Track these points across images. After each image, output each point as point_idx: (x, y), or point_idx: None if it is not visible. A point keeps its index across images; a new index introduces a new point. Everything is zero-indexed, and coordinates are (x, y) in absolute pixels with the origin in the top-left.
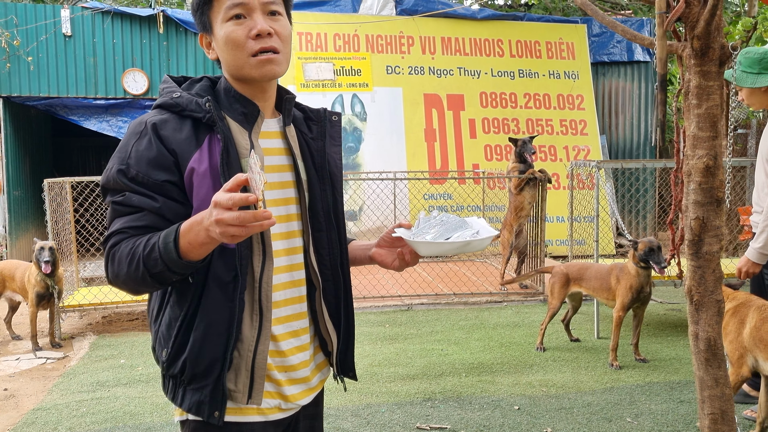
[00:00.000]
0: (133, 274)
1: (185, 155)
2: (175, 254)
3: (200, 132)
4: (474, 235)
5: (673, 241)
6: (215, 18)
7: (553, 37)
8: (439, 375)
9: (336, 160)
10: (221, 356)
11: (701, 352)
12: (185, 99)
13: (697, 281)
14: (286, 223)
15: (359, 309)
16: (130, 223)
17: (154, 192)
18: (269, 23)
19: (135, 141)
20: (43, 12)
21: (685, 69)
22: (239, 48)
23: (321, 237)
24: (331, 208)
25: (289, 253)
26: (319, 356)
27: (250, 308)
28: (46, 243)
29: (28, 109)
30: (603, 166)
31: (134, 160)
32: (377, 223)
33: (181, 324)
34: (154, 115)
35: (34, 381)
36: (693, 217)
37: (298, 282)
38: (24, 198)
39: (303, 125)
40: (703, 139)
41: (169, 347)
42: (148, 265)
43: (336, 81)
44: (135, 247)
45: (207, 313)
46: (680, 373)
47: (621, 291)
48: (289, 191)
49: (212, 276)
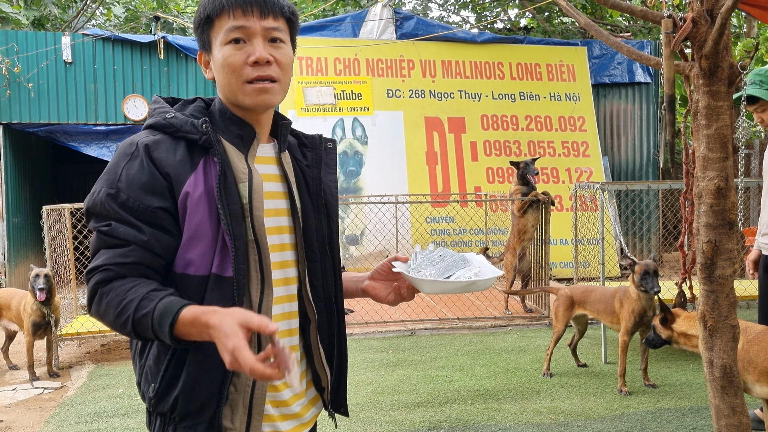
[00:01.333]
0: (120, 327)
1: (180, 178)
2: (168, 337)
3: (195, 154)
4: (478, 274)
5: (684, 264)
6: (215, 38)
7: (554, 60)
8: (445, 403)
9: (331, 188)
10: (217, 391)
11: (717, 380)
12: (180, 120)
13: (710, 306)
14: (280, 253)
15: (362, 335)
16: (117, 258)
17: (143, 221)
18: (269, 50)
19: (126, 163)
20: (44, 39)
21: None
22: (235, 73)
23: (315, 267)
24: (326, 238)
25: (284, 283)
26: (311, 391)
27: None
28: (41, 270)
29: (28, 135)
30: (607, 188)
31: (125, 184)
32: (379, 247)
33: (172, 357)
34: (145, 136)
35: (31, 412)
36: (705, 240)
37: (291, 314)
38: (23, 225)
39: (297, 152)
40: (714, 160)
41: (157, 382)
42: (137, 329)
43: (337, 105)
44: (126, 302)
45: (202, 345)
46: (691, 399)
47: (624, 315)
48: (283, 219)
49: None
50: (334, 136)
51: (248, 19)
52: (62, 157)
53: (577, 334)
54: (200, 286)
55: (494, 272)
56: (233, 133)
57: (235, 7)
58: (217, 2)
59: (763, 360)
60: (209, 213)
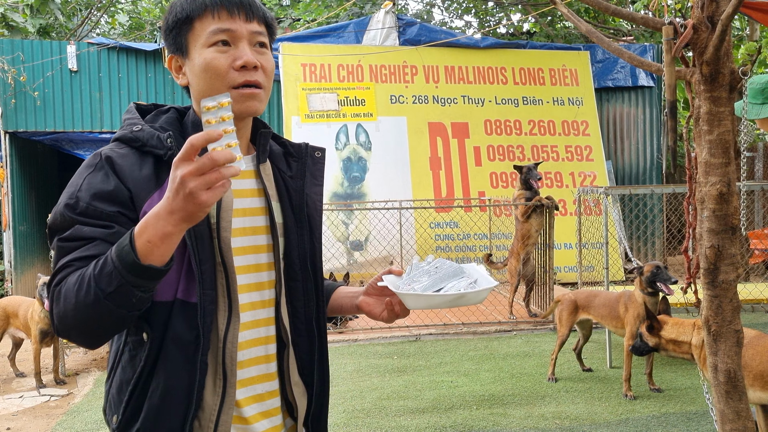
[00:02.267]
0: (83, 302)
1: (141, 195)
2: (132, 256)
3: (162, 170)
4: (471, 285)
5: (688, 269)
6: (194, 41)
7: (557, 64)
8: (450, 408)
9: (315, 202)
10: (179, 428)
11: (721, 385)
12: (146, 133)
13: (714, 311)
14: (256, 274)
15: (366, 340)
16: (78, 254)
17: (104, 221)
18: (256, 56)
19: (88, 174)
20: (50, 48)
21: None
22: (219, 78)
23: (296, 287)
24: (308, 256)
25: (256, 306)
26: (289, 421)
27: (213, 371)
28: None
29: (34, 143)
30: (611, 193)
31: (84, 193)
32: (383, 252)
33: (134, 389)
34: (111, 149)
35: (38, 419)
36: (708, 246)
37: (266, 339)
38: (29, 233)
39: (281, 161)
40: (716, 165)
41: (119, 414)
42: (101, 284)
43: (340, 111)
44: (83, 273)
45: (164, 377)
46: (696, 403)
47: (629, 320)
48: (261, 238)
49: (171, 335)
50: (338, 142)
51: (234, 21)
52: (68, 165)
53: (582, 339)
54: (165, 312)
55: (489, 283)
56: None
57: (221, 7)
58: (199, 2)
59: (757, 364)
60: None
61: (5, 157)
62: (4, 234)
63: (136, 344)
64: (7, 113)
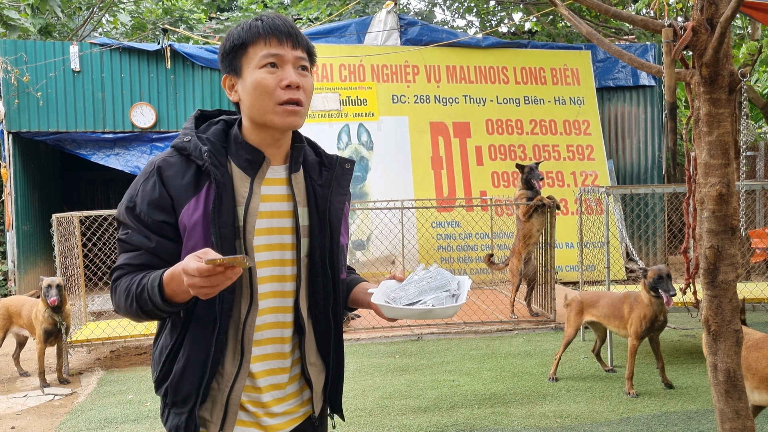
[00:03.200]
0: (129, 309)
1: (180, 201)
2: (159, 299)
3: (202, 178)
4: (448, 299)
5: (687, 270)
6: (247, 63)
7: (558, 64)
8: (451, 407)
9: (337, 210)
10: (196, 390)
11: (720, 384)
12: (192, 144)
13: (713, 311)
14: (280, 267)
15: (369, 339)
16: (129, 260)
17: (151, 231)
18: (298, 77)
19: (143, 180)
20: (52, 49)
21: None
22: (268, 95)
23: (317, 282)
24: (327, 256)
25: (277, 296)
26: (306, 392)
27: (233, 347)
28: (53, 280)
29: (37, 143)
30: (612, 192)
31: (140, 199)
32: (385, 252)
33: (169, 353)
34: (164, 157)
35: (42, 418)
36: (707, 246)
37: (284, 324)
38: (32, 232)
39: (315, 171)
40: (715, 166)
41: (157, 371)
42: (140, 303)
43: (342, 111)
44: (130, 285)
45: (188, 349)
46: (697, 402)
47: (634, 320)
48: (287, 237)
49: (195, 316)
50: (340, 141)
51: (282, 47)
52: (70, 165)
53: (598, 341)
54: (193, 297)
55: (459, 301)
56: (242, 158)
57: (272, 36)
58: (253, 31)
59: (764, 367)
60: (204, 234)
61: (8, 157)
62: (8, 234)
63: (176, 319)
64: (10, 113)
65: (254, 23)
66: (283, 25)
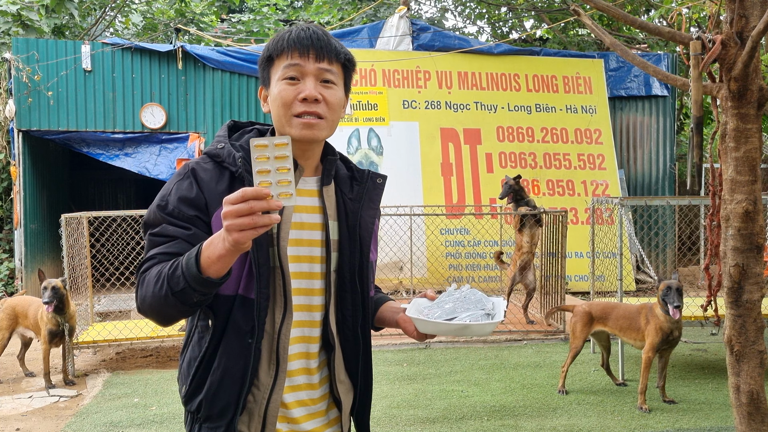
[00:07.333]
0: (157, 294)
1: (213, 204)
2: (195, 269)
3: (235, 185)
4: (484, 317)
5: (709, 287)
6: (273, 75)
7: (570, 72)
8: (460, 418)
9: (368, 224)
10: (235, 401)
11: (743, 406)
12: (226, 151)
13: (737, 331)
14: (308, 280)
15: (376, 347)
16: (163, 249)
17: (187, 223)
18: (320, 90)
19: (177, 181)
20: (64, 48)
21: (721, 111)
22: (286, 107)
23: (346, 298)
24: (357, 271)
25: (304, 309)
26: (333, 412)
27: (268, 357)
28: (50, 282)
29: (46, 142)
30: (625, 204)
31: (173, 197)
32: (394, 258)
33: (200, 365)
34: (198, 162)
35: (47, 420)
36: (732, 264)
37: (311, 339)
38: (40, 231)
39: (347, 185)
40: (742, 183)
41: (187, 384)
42: (171, 283)
43: (353, 115)
44: (162, 268)
45: (225, 359)
46: (711, 419)
47: (650, 332)
48: (316, 250)
49: (231, 324)
50: (350, 146)
51: (303, 59)
52: (79, 164)
53: (604, 353)
54: (228, 304)
55: (497, 319)
56: None
57: (293, 49)
58: (279, 44)
59: None
60: None
61: (18, 156)
62: (15, 232)
63: (203, 328)
64: (21, 112)
65: (282, 34)
66: (307, 38)
